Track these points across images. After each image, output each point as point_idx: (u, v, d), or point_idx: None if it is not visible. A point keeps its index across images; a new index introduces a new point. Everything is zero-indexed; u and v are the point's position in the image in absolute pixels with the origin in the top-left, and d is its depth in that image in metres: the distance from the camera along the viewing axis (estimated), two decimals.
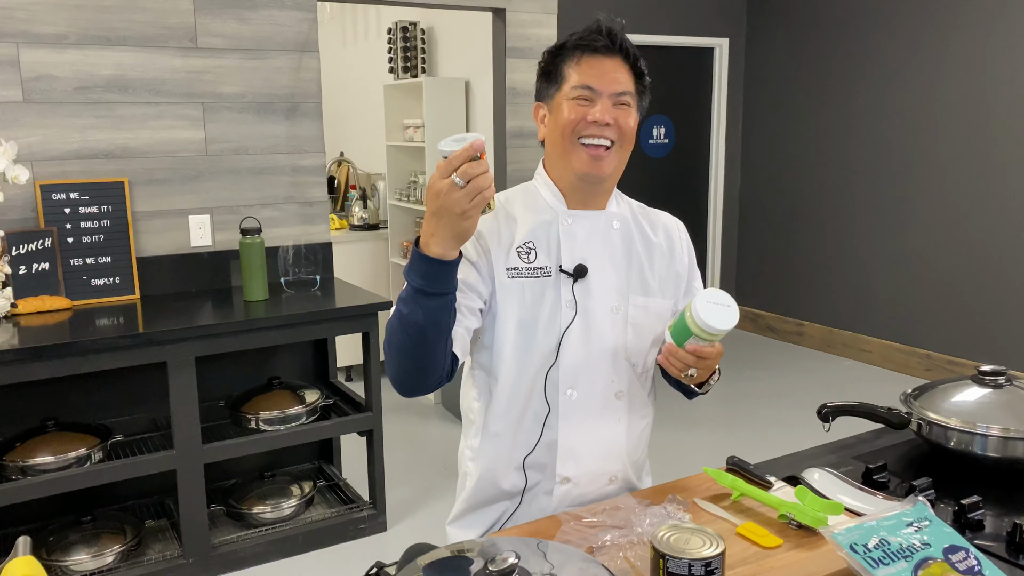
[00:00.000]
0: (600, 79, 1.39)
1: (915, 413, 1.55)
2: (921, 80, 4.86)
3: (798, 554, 1.21)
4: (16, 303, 2.76)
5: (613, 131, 1.40)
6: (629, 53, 1.42)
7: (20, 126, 2.85)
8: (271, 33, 3.22)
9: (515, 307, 1.42)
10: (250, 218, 3.18)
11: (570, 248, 1.44)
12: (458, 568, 0.92)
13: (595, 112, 1.38)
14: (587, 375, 1.44)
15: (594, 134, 1.39)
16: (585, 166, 1.41)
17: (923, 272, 4.97)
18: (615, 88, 1.39)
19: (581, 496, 1.47)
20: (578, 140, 1.40)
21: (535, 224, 1.45)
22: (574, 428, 1.44)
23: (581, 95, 1.39)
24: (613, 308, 1.45)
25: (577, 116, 1.39)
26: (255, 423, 2.97)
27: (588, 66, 1.39)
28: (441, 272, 1.25)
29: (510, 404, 1.45)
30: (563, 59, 1.42)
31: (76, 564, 2.69)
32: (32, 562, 1.02)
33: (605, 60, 1.40)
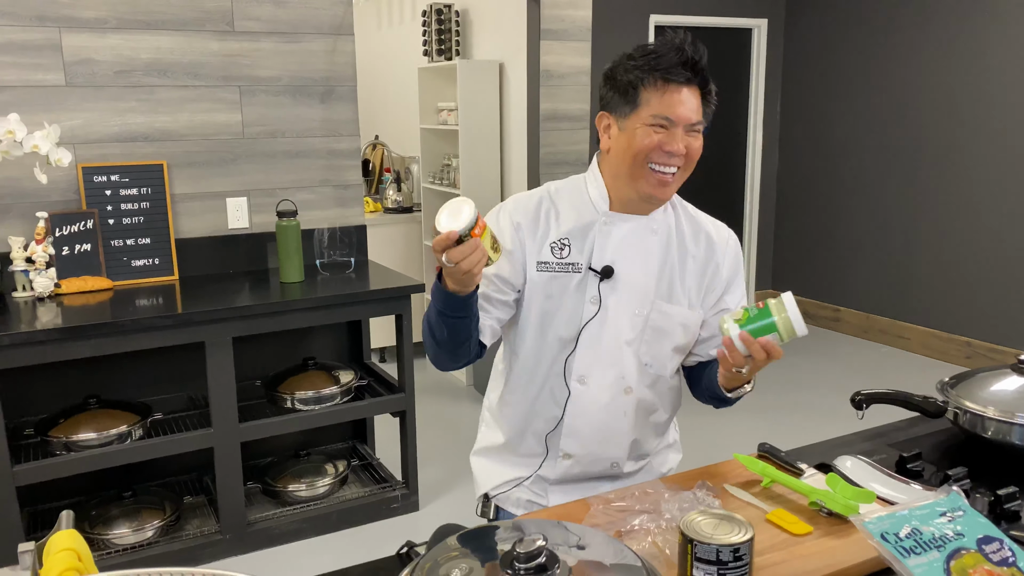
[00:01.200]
0: (678, 111, 1.41)
1: (952, 402, 1.52)
2: (964, 61, 4.74)
3: (828, 542, 1.20)
4: (60, 283, 2.83)
5: (682, 159, 1.44)
6: (707, 83, 1.45)
7: (63, 109, 2.91)
8: (307, 16, 3.23)
9: (540, 297, 1.51)
10: (286, 201, 3.21)
11: (603, 248, 1.50)
12: (487, 549, 0.93)
13: (673, 144, 1.41)
14: (599, 367, 1.51)
15: (665, 162, 1.43)
16: (651, 189, 1.45)
17: (964, 258, 4.87)
18: (692, 119, 1.43)
19: (581, 474, 1.57)
20: (648, 165, 1.44)
21: (576, 221, 1.51)
22: (581, 412, 1.53)
23: (660, 124, 1.42)
24: (636, 311, 1.51)
25: (653, 144, 1.42)
26: (291, 403, 3.02)
27: (668, 97, 1.41)
28: (459, 303, 1.36)
29: (528, 382, 1.57)
30: (643, 82, 1.42)
31: (118, 538, 2.77)
32: (75, 535, 1.05)
33: (684, 90, 1.42)
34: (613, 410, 1.53)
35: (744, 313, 1.32)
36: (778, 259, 6.16)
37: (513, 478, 1.63)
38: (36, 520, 2.87)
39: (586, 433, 1.54)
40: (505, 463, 1.65)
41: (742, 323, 1.31)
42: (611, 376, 1.52)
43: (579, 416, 1.53)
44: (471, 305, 1.39)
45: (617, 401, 1.53)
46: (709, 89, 1.46)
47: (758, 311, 1.30)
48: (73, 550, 1.02)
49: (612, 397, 1.52)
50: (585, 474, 1.58)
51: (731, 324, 1.32)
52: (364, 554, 2.86)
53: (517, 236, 1.51)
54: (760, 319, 1.29)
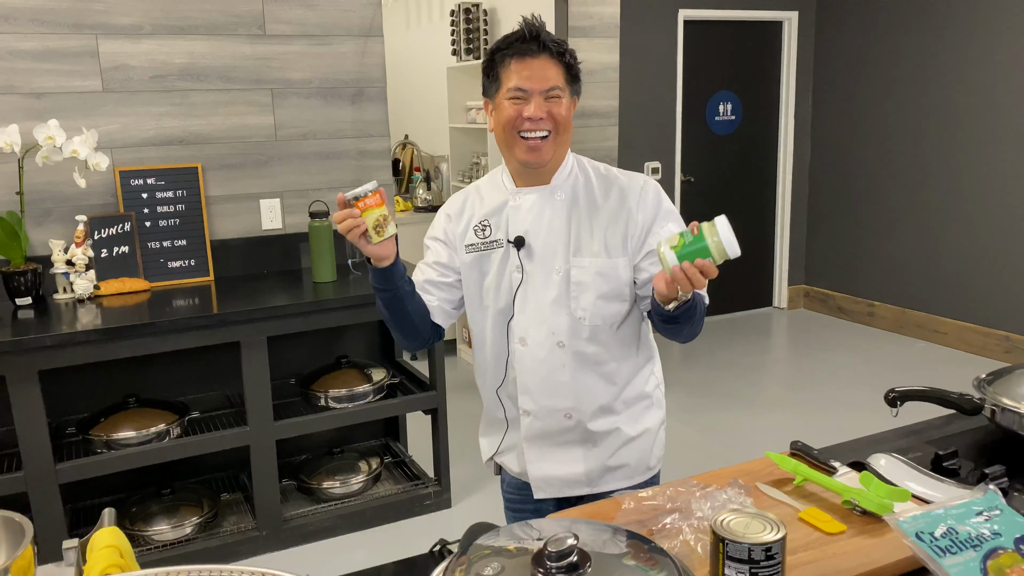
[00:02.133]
0: (530, 80, 1.55)
1: (988, 399, 1.50)
2: (999, 53, 4.65)
3: (862, 541, 1.19)
4: (99, 285, 2.89)
5: (548, 123, 1.57)
6: (553, 51, 1.57)
7: (100, 115, 2.97)
8: (336, 18, 3.27)
9: (475, 275, 1.69)
10: (318, 202, 3.25)
11: (515, 222, 1.65)
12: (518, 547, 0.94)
13: (529, 110, 1.55)
14: (534, 328, 1.65)
15: (531, 128, 1.56)
16: (525, 155, 1.59)
17: (1002, 250, 4.78)
18: (544, 85, 1.55)
19: (543, 428, 1.69)
20: (518, 134, 1.57)
21: (493, 204, 1.69)
22: (526, 370, 1.67)
23: (515, 96, 1.56)
24: (555, 270, 1.64)
25: (514, 113, 1.56)
26: (324, 401, 3.05)
27: (519, 69, 1.56)
28: (378, 275, 1.56)
29: (480, 347, 1.76)
30: (498, 63, 1.59)
31: (157, 534, 2.82)
32: (116, 532, 1.07)
33: (533, 61, 1.55)
34: (551, 364, 1.65)
35: (680, 239, 1.38)
36: (811, 254, 6.10)
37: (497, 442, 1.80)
38: (79, 516, 2.93)
39: (533, 387, 1.67)
40: (489, 430, 1.82)
41: (677, 249, 1.38)
42: (544, 333, 1.65)
43: (525, 373, 1.67)
44: (391, 280, 1.57)
45: (554, 355, 1.65)
46: (565, 59, 1.58)
47: (693, 237, 1.37)
48: (115, 547, 1.05)
49: (548, 352, 1.65)
50: (547, 429, 1.69)
51: (667, 250, 1.38)
52: (397, 550, 2.89)
53: (448, 226, 1.72)
54: (695, 244, 1.36)
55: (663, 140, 5.38)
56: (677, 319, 1.53)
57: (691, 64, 5.40)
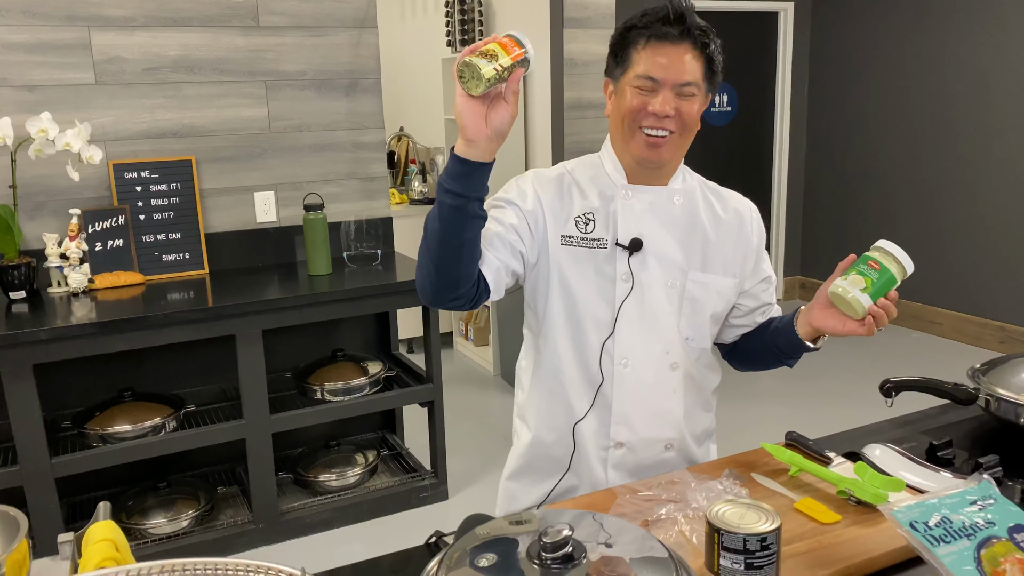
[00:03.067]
0: (664, 70, 1.36)
1: (983, 388, 1.51)
2: (995, 45, 4.64)
3: (857, 530, 1.20)
4: (93, 278, 2.88)
5: (674, 122, 1.39)
6: (697, 39, 1.38)
7: (93, 107, 2.95)
8: (330, 10, 3.25)
9: (567, 275, 1.45)
10: (313, 194, 3.24)
11: (627, 221, 1.45)
12: (513, 539, 0.94)
13: (656, 103, 1.36)
14: (642, 347, 1.45)
15: (654, 125, 1.38)
16: (642, 152, 1.41)
17: (997, 241, 4.79)
18: (680, 79, 1.36)
19: (637, 463, 1.50)
20: (638, 127, 1.39)
21: (597, 196, 1.47)
22: (628, 397, 1.46)
23: (643, 85, 1.37)
24: (669, 283, 1.46)
25: (639, 105, 1.38)
26: (320, 394, 3.05)
27: (653, 55, 1.36)
28: (462, 172, 1.24)
29: (559, 371, 1.48)
30: (630, 42, 1.39)
31: (154, 527, 2.82)
32: (112, 526, 1.07)
33: (672, 48, 1.36)
34: (662, 389, 1.47)
35: (865, 279, 1.30)
36: (806, 245, 6.10)
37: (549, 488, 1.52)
38: (75, 510, 2.93)
39: (635, 416, 1.47)
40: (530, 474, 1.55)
41: (869, 290, 1.30)
42: (656, 353, 1.46)
43: (626, 400, 1.46)
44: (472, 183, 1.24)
45: (665, 379, 1.47)
46: (709, 50, 1.39)
47: (876, 272, 1.30)
48: (111, 540, 1.05)
49: (658, 376, 1.47)
50: (640, 463, 1.50)
51: (858, 293, 1.30)
52: (394, 543, 2.89)
53: (540, 202, 1.45)
54: (883, 277, 1.30)
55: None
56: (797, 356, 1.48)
57: None
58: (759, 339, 1.56)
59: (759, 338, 1.56)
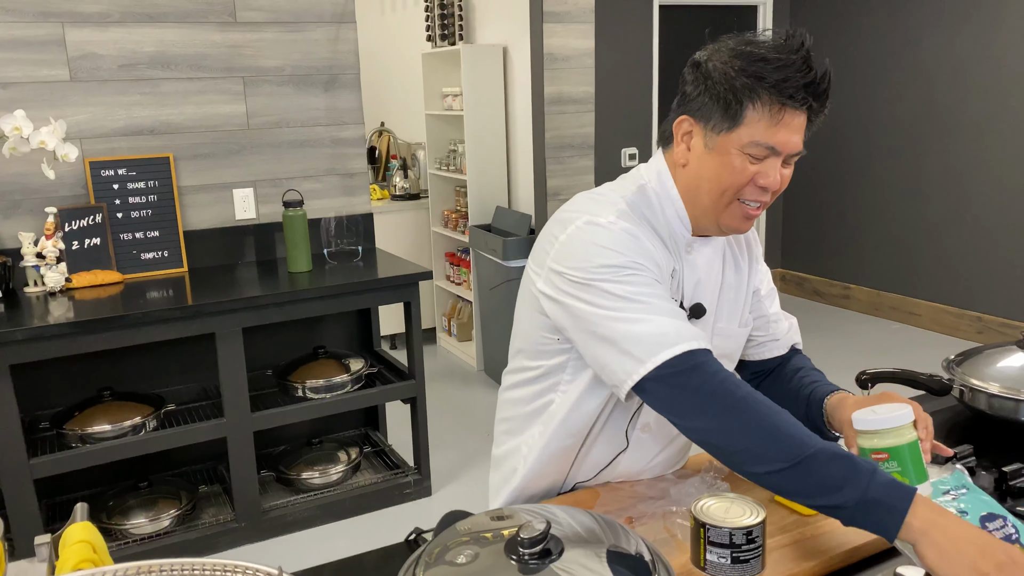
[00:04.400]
0: (788, 140, 1.16)
1: (957, 379, 1.53)
2: (974, 36, 4.69)
3: (837, 522, 1.21)
4: (70, 278, 2.85)
5: (773, 195, 1.22)
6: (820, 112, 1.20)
7: (68, 104, 2.92)
8: (309, 5, 3.23)
9: None
10: (292, 191, 3.22)
11: (691, 282, 1.28)
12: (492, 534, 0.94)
13: (771, 177, 1.17)
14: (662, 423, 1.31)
15: (757, 198, 1.20)
16: (735, 223, 1.23)
17: (974, 232, 4.84)
18: (795, 150, 1.18)
19: None
20: (737, 198, 1.21)
21: (668, 249, 1.26)
22: (641, 459, 1.35)
23: (759, 153, 1.16)
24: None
25: (748, 177, 1.18)
26: (302, 391, 3.04)
27: (781, 123, 1.15)
28: None
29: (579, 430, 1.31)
30: (753, 98, 1.14)
31: (135, 528, 2.81)
32: (89, 527, 1.06)
33: (798, 116, 1.16)
34: (675, 447, 1.38)
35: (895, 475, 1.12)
36: (788, 237, 6.14)
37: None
38: (54, 512, 2.91)
39: (642, 472, 1.37)
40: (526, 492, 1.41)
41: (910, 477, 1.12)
42: None
43: (638, 462, 1.35)
44: None
45: (678, 439, 1.37)
46: (825, 111, 1.20)
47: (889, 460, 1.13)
48: (88, 542, 1.04)
49: (672, 438, 1.36)
50: None
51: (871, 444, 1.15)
52: (378, 539, 2.89)
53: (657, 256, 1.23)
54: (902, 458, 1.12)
55: (639, 126, 5.39)
56: None
57: (667, 49, 5.40)
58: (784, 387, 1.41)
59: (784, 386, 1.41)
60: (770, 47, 1.15)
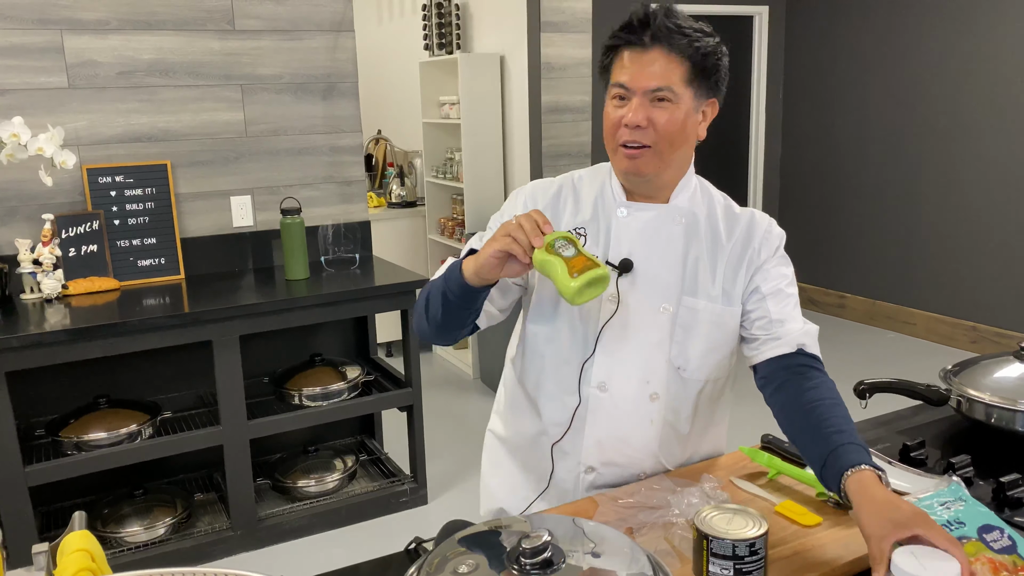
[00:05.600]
0: (632, 76, 1.29)
1: (954, 389, 1.53)
2: (968, 47, 4.72)
3: (838, 532, 1.21)
4: (67, 284, 2.85)
5: (647, 134, 1.30)
6: (667, 43, 1.28)
7: (66, 111, 2.92)
8: (307, 13, 3.24)
9: (551, 292, 1.38)
10: (290, 198, 3.23)
11: (620, 240, 1.37)
12: (493, 545, 0.94)
13: (627, 114, 1.29)
14: (621, 372, 1.37)
15: (626, 139, 1.31)
16: (623, 165, 1.34)
17: (969, 242, 4.86)
18: (648, 84, 1.28)
19: (607, 485, 1.43)
20: (619, 142, 1.32)
21: (594, 210, 1.41)
22: (602, 423, 1.39)
23: (617, 94, 1.32)
24: (661, 308, 1.36)
25: (615, 118, 1.32)
26: (298, 399, 3.03)
27: (624, 62, 1.31)
28: (469, 293, 1.29)
29: (540, 386, 1.44)
30: (609, 53, 1.34)
31: (130, 536, 2.79)
32: (88, 536, 1.06)
33: (643, 54, 1.29)
34: (638, 419, 1.38)
35: None
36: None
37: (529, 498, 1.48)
38: (49, 520, 2.89)
39: (607, 444, 1.39)
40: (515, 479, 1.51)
41: None
42: (635, 381, 1.37)
43: (599, 426, 1.38)
44: (478, 299, 1.32)
45: (642, 409, 1.38)
46: (691, 52, 1.29)
47: None
48: (87, 551, 1.04)
49: (636, 405, 1.38)
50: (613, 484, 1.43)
51: None
52: (374, 548, 2.88)
53: None
54: None
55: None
56: None
57: None
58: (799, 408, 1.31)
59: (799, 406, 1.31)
60: None
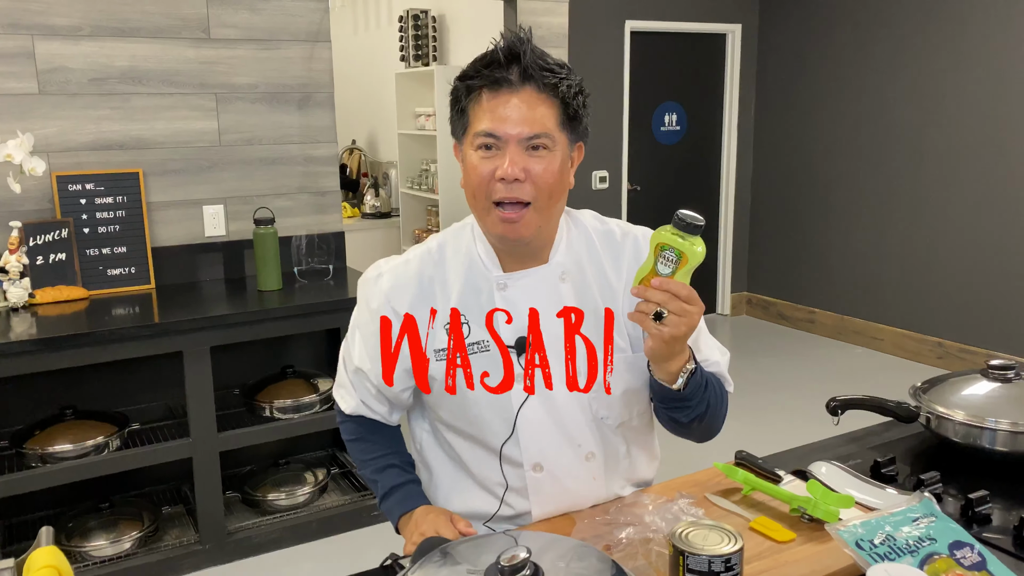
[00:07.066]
0: (502, 122, 1.13)
1: (924, 407, 1.55)
2: (935, 68, 4.82)
3: (812, 548, 1.22)
4: (34, 293, 2.80)
5: (524, 188, 1.15)
6: (543, 81, 1.14)
7: (36, 118, 2.88)
8: (283, 23, 3.23)
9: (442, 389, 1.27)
10: (263, 208, 3.20)
11: (513, 316, 1.24)
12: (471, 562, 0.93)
13: (502, 166, 1.13)
14: (552, 448, 1.28)
15: (503, 196, 1.15)
16: (498, 229, 1.18)
17: (936, 260, 4.95)
18: (522, 131, 1.13)
19: None
20: (491, 203, 1.17)
21: (466, 290, 1.25)
22: (547, 501, 1.32)
23: (485, 142, 1.15)
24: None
25: (485, 172, 1.15)
26: (269, 411, 3.00)
27: (491, 106, 1.14)
28: None
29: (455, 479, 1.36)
30: (466, 94, 1.17)
31: (95, 550, 2.74)
32: (55, 552, 1.04)
33: (511, 96, 1.14)
34: (581, 483, 1.32)
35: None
36: (753, 262, 6.22)
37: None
38: (12, 533, 2.83)
39: (554, 511, 1.33)
40: None
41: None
42: (570, 452, 1.29)
43: (545, 504, 1.31)
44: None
45: (582, 473, 1.31)
46: (561, 91, 1.15)
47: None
48: (54, 567, 1.02)
49: (576, 471, 1.30)
50: None
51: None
52: (345, 562, 2.86)
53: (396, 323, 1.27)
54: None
55: (610, 149, 5.44)
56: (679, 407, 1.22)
57: (637, 75, 5.48)
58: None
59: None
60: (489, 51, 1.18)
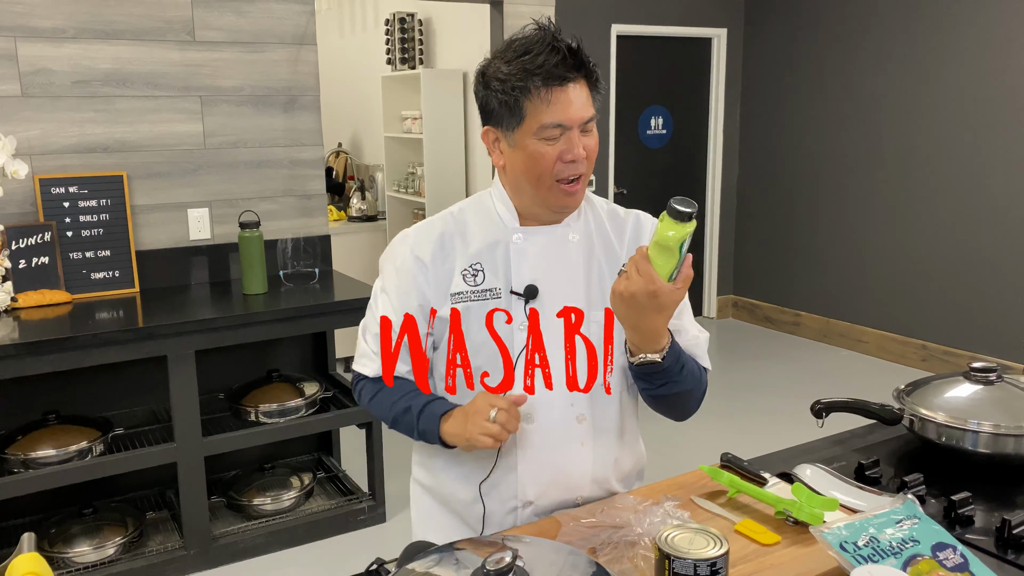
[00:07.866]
0: (570, 113, 1.28)
1: (907, 409, 1.56)
2: (920, 72, 4.86)
3: (797, 550, 1.23)
4: (16, 297, 2.78)
5: (584, 163, 1.33)
6: (591, 70, 1.31)
7: (19, 120, 2.85)
8: (269, 26, 3.22)
9: (455, 332, 1.36)
10: (249, 211, 3.19)
11: (520, 267, 1.37)
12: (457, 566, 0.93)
13: (573, 150, 1.29)
14: (543, 400, 1.36)
15: (571, 173, 1.31)
16: (561, 200, 1.35)
17: (920, 263, 4.99)
18: (583, 115, 1.30)
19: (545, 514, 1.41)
20: (554, 180, 1.32)
21: (485, 242, 1.39)
22: (534, 456, 1.37)
23: (553, 134, 1.29)
24: None
25: (552, 158, 1.30)
26: (255, 415, 2.99)
27: (556, 101, 1.27)
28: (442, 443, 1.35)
29: None
30: (524, 91, 1.28)
31: (78, 556, 2.72)
32: (37, 559, 1.03)
33: (570, 88, 1.28)
34: (570, 444, 1.38)
35: None
36: (739, 265, 6.25)
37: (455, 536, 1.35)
38: None
39: (545, 476, 1.38)
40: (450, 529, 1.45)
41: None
42: (559, 407, 1.36)
43: (530, 459, 1.37)
44: None
45: (572, 432, 1.38)
46: (596, 76, 1.32)
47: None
48: (36, 574, 1.01)
49: (565, 430, 1.37)
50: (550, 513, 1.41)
51: None
52: (331, 567, 2.85)
53: (421, 277, 1.38)
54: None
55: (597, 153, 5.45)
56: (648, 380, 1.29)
57: (624, 79, 5.50)
58: None
59: None
60: (525, 43, 1.30)
